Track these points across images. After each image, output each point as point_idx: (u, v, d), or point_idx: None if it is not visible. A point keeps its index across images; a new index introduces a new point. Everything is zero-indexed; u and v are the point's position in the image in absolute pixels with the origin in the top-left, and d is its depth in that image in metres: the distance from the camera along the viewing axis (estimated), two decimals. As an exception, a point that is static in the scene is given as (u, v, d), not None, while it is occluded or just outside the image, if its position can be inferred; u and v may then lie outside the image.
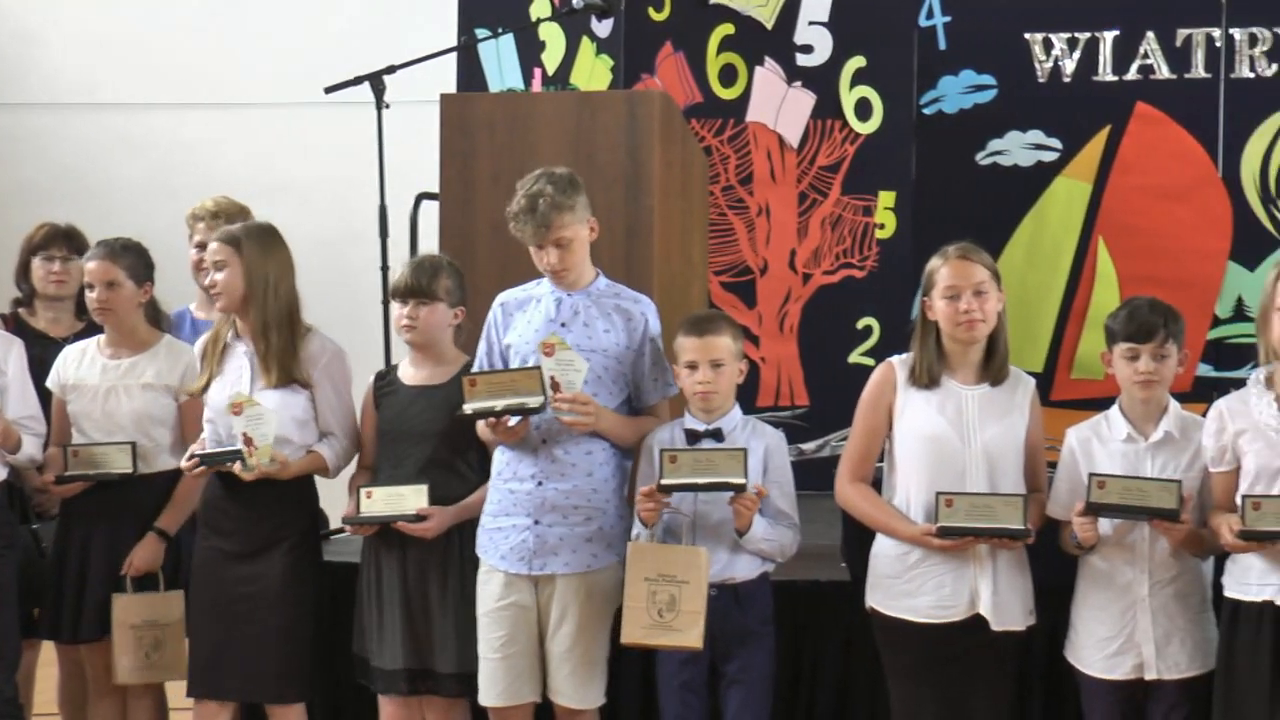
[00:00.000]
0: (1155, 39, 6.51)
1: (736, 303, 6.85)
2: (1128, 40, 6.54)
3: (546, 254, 5.02)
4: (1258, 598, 4.75)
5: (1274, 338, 4.76)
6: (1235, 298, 6.30)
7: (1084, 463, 5.00)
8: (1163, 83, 6.52)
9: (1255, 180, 6.44)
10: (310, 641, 5.30)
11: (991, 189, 6.66)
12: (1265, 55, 6.42)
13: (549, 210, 4.96)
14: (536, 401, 4.91)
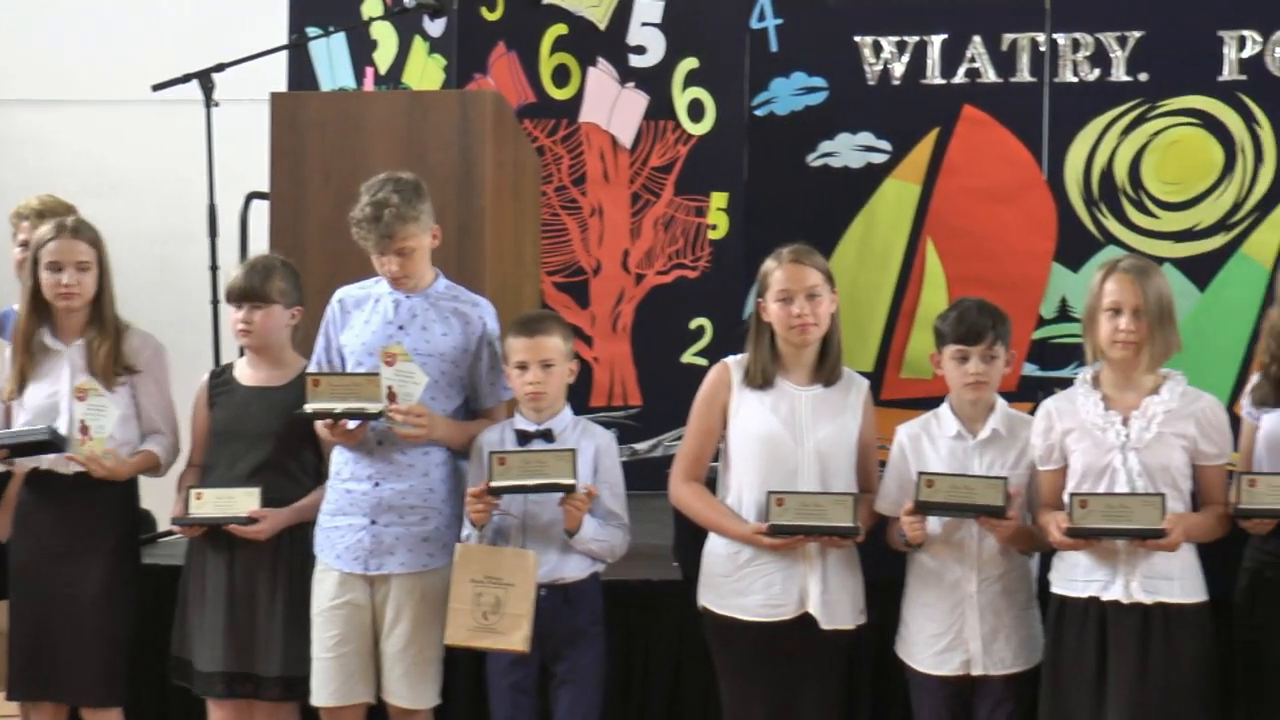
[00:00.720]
0: (982, 43, 6.59)
1: (569, 303, 6.85)
2: (955, 44, 6.62)
3: (388, 262, 5.00)
4: (1083, 594, 4.83)
5: (1101, 338, 4.84)
6: (1059, 298, 6.40)
7: (914, 460, 5.06)
8: (989, 86, 6.61)
9: (1079, 183, 6.55)
10: (130, 645, 5.24)
11: (822, 190, 6.71)
12: (1088, 60, 6.53)
13: (394, 221, 4.94)
14: (376, 408, 4.89)
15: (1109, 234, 6.51)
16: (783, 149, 6.76)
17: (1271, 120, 6.39)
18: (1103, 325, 4.82)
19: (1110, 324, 4.80)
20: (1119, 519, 4.72)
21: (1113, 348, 4.82)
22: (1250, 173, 6.42)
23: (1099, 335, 4.83)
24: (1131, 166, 6.52)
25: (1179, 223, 6.49)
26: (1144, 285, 4.81)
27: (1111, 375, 4.89)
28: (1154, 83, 6.50)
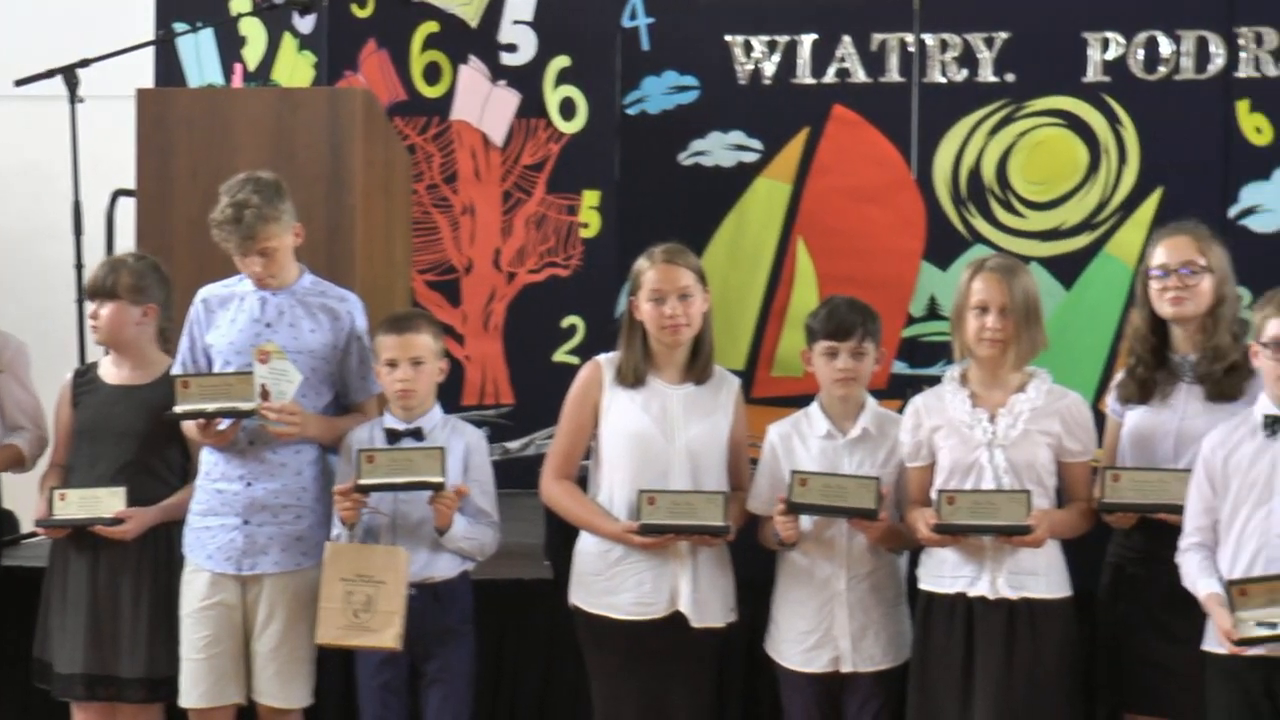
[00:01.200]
0: (852, 43, 6.64)
1: (441, 301, 6.83)
2: (825, 44, 6.66)
3: (251, 262, 4.97)
4: (950, 590, 4.88)
5: (968, 336, 4.89)
6: (929, 297, 6.46)
7: (785, 459, 5.09)
8: (859, 86, 6.65)
9: (947, 182, 6.60)
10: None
11: (694, 189, 6.73)
12: (955, 60, 6.59)
13: (254, 222, 4.91)
14: (248, 406, 4.86)
15: (977, 233, 6.58)
16: (654, 148, 6.77)
17: (1134, 121, 6.48)
18: (970, 323, 4.87)
19: (977, 322, 4.85)
20: (985, 515, 4.77)
21: (979, 345, 4.87)
22: (1114, 173, 6.51)
23: (966, 333, 4.88)
24: (998, 166, 6.59)
25: (1045, 222, 6.57)
26: (1010, 284, 4.87)
27: (979, 373, 4.94)
28: (1020, 83, 6.57)
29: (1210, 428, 4.82)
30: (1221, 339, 4.94)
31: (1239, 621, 4.55)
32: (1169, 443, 4.94)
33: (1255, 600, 4.57)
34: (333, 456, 5.07)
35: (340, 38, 7.02)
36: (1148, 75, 6.48)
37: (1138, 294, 5.09)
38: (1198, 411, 4.93)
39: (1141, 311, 5.04)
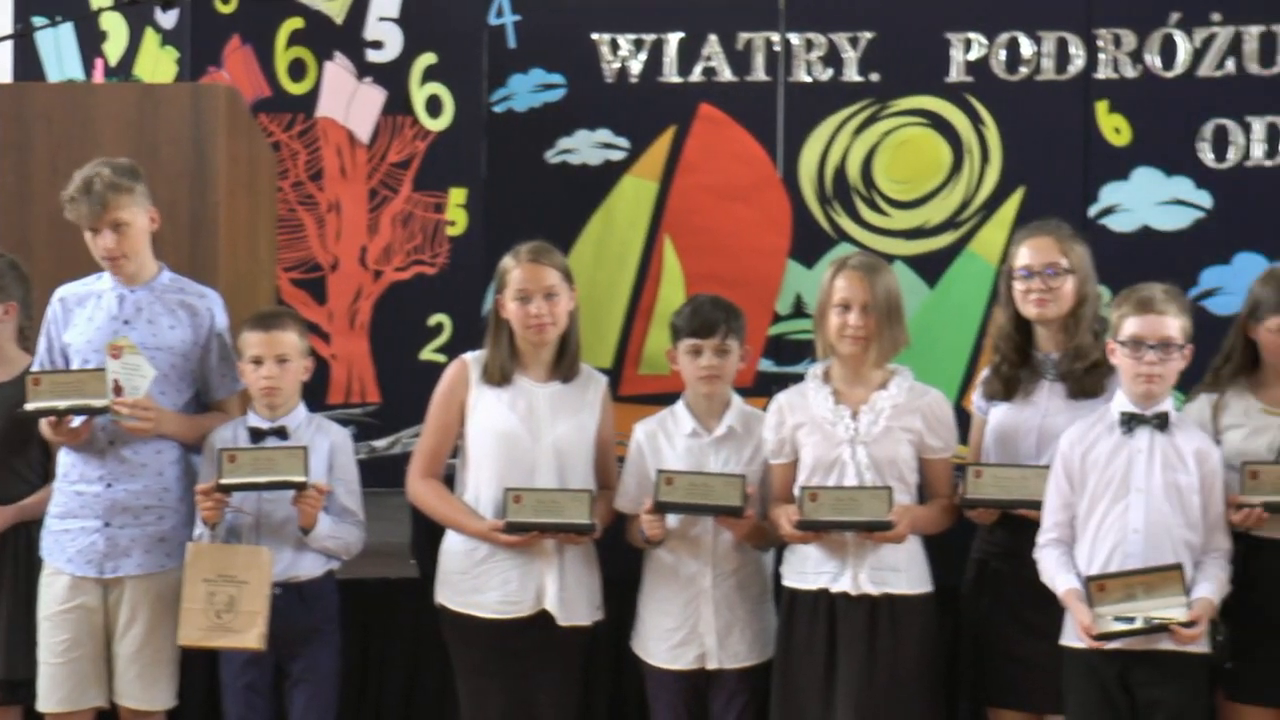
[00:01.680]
0: (718, 42, 6.66)
1: (307, 299, 6.79)
2: (692, 42, 6.67)
3: (102, 238, 4.90)
4: (813, 586, 4.91)
5: (830, 333, 4.93)
6: (795, 295, 6.49)
7: (651, 457, 5.10)
8: (725, 85, 6.68)
9: (813, 181, 6.64)
10: None
11: (561, 187, 6.72)
12: (821, 60, 6.63)
13: (105, 190, 4.85)
14: (101, 403, 4.80)
15: (842, 231, 6.62)
16: (521, 146, 6.76)
17: (997, 121, 6.55)
18: (832, 320, 4.91)
19: (839, 319, 4.89)
20: (848, 511, 4.80)
21: (841, 342, 4.91)
22: (977, 172, 6.58)
23: (829, 330, 4.92)
24: (863, 165, 6.64)
25: (909, 221, 6.63)
26: (872, 281, 4.91)
27: (841, 370, 4.97)
28: (884, 83, 6.62)
29: (1071, 423, 4.90)
30: (1083, 338, 5.01)
31: (1097, 617, 4.62)
32: (1031, 439, 5.00)
33: (1113, 595, 4.64)
34: (195, 456, 5.03)
35: (203, 33, 6.95)
36: (1009, 76, 6.55)
37: (1001, 293, 5.15)
38: (1060, 408, 4.99)
39: (1005, 310, 5.09)
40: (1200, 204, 6.45)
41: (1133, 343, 4.71)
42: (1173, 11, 6.45)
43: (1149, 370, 4.70)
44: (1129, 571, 4.63)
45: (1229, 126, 6.41)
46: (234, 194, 5.64)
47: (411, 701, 5.62)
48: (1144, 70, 6.47)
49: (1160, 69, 6.46)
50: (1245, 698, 4.84)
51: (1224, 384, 4.96)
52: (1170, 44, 6.44)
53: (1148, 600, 4.60)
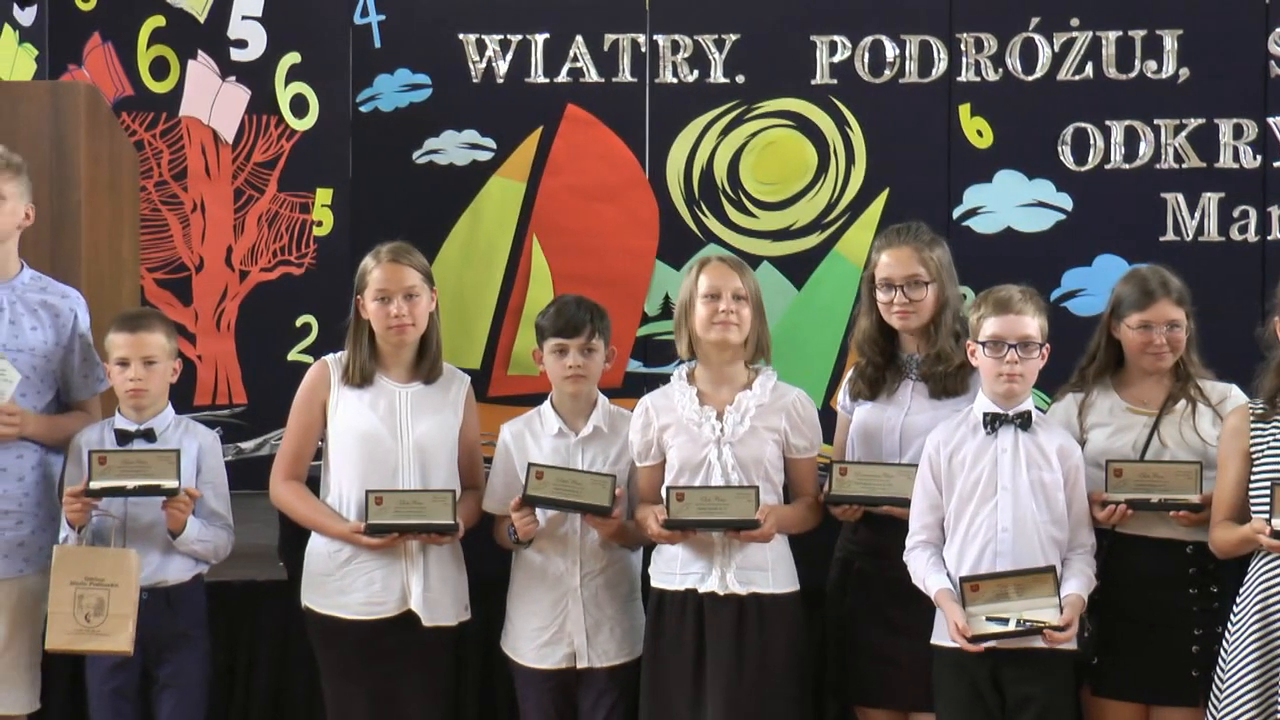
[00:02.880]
0: (584, 43, 6.66)
1: (172, 299, 6.72)
2: (558, 43, 6.67)
3: None
4: (681, 586, 4.93)
5: (697, 326, 4.94)
6: (663, 295, 6.51)
7: (518, 457, 5.10)
8: (592, 86, 6.68)
9: (680, 182, 6.66)
10: None
11: (428, 187, 6.70)
12: (687, 61, 6.65)
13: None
14: None
15: (710, 233, 6.65)
16: (388, 146, 6.73)
17: (861, 123, 6.60)
18: (700, 311, 4.92)
19: (709, 308, 4.90)
20: (714, 511, 4.83)
21: (711, 330, 4.91)
22: (843, 174, 6.63)
23: (695, 323, 4.93)
24: (730, 167, 6.66)
25: (776, 222, 6.66)
26: (741, 272, 4.96)
27: (706, 371, 5.00)
28: (750, 85, 6.65)
29: (934, 423, 4.95)
30: (945, 343, 5.06)
31: (971, 617, 4.67)
32: (894, 438, 5.05)
33: (985, 595, 4.69)
34: (53, 457, 4.97)
35: (63, 31, 6.86)
36: (874, 78, 6.60)
37: (864, 298, 5.19)
38: (922, 407, 5.05)
39: (869, 315, 5.14)
40: (1061, 206, 6.54)
41: (993, 343, 4.77)
42: (1033, 16, 6.53)
43: (1010, 369, 4.76)
44: (1002, 573, 4.68)
45: (1089, 130, 6.50)
46: (95, 193, 5.58)
47: (280, 705, 5.58)
48: (1005, 74, 6.55)
49: (1021, 73, 6.54)
50: (1109, 693, 4.92)
51: (1089, 383, 5.03)
52: (1031, 48, 6.53)
53: (1020, 600, 4.65)
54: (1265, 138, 6.29)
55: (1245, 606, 4.65)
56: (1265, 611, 4.61)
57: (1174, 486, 4.82)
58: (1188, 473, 4.84)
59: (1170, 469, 4.84)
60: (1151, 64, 6.49)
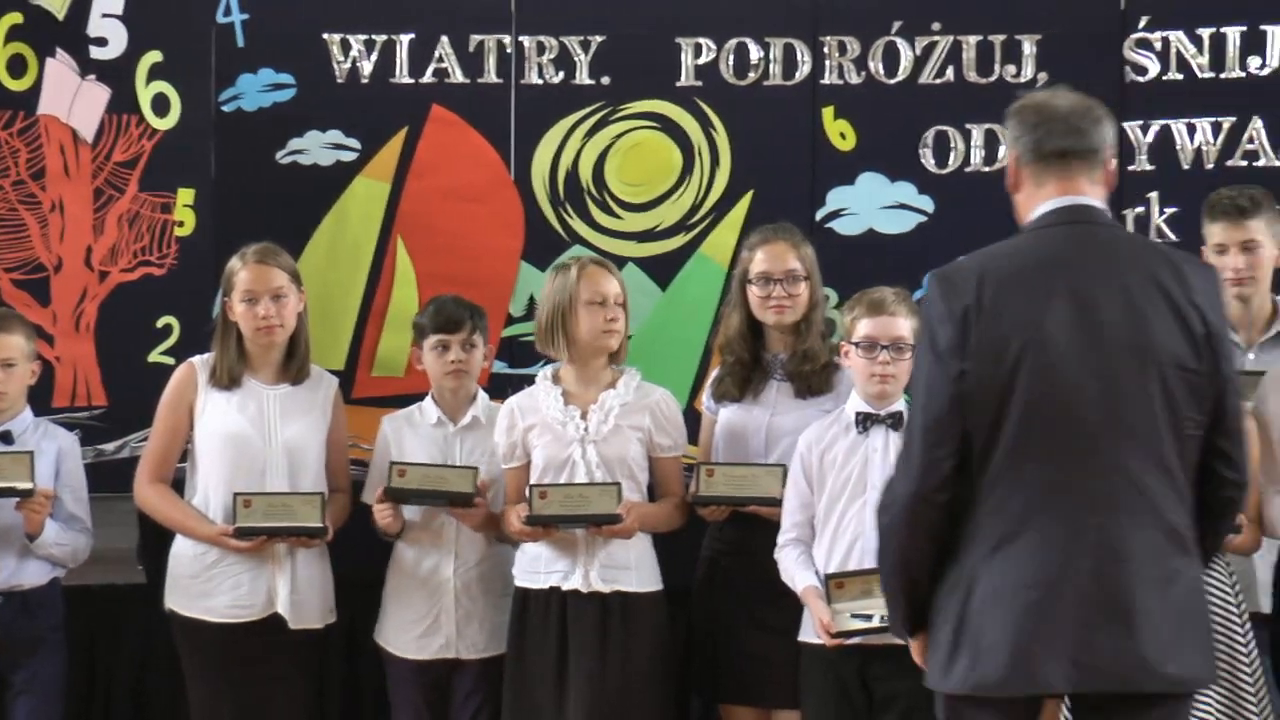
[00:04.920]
0: (449, 43, 6.64)
1: (29, 300, 6.60)
2: (423, 44, 6.63)
3: None
4: (545, 585, 4.98)
5: (584, 331, 4.99)
6: (528, 296, 6.50)
7: (396, 450, 5.15)
8: (457, 86, 6.65)
9: (545, 183, 6.65)
10: None
11: (292, 188, 6.64)
12: (553, 63, 6.64)
13: None
14: None
15: (575, 234, 6.64)
16: (251, 146, 6.66)
17: (726, 125, 6.62)
18: (586, 316, 4.99)
19: (600, 314, 4.98)
20: (577, 507, 4.87)
21: (604, 338, 5.05)
22: (707, 176, 6.65)
23: (578, 327, 4.98)
24: (595, 168, 6.67)
25: (641, 223, 6.67)
26: (619, 278, 5.02)
27: (573, 372, 5.06)
28: (616, 87, 6.65)
29: (800, 422, 5.01)
30: (814, 342, 5.14)
31: (836, 614, 4.73)
32: (760, 438, 5.11)
33: (850, 592, 4.75)
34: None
35: (-85, 28, 6.75)
36: (738, 81, 6.63)
37: (734, 296, 5.24)
38: (788, 407, 5.11)
39: (740, 313, 5.19)
40: (923, 208, 6.59)
41: (867, 344, 4.85)
42: (895, 20, 6.59)
43: (883, 370, 4.83)
44: (866, 570, 4.75)
45: (949, 133, 6.57)
46: (-49, 193, 5.50)
47: (141, 708, 5.56)
48: (868, 77, 6.60)
49: (884, 76, 6.59)
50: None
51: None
52: (893, 52, 6.58)
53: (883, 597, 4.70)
54: (1122, 142, 6.38)
55: None
56: None
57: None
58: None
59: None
60: (1011, 68, 6.56)
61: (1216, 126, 6.43)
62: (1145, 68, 6.50)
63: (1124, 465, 3.58)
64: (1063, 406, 3.59)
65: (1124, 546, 3.57)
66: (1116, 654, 3.54)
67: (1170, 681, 3.58)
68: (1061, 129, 3.85)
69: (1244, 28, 6.40)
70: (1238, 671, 4.56)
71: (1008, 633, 3.55)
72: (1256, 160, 6.37)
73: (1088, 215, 3.82)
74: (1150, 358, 3.60)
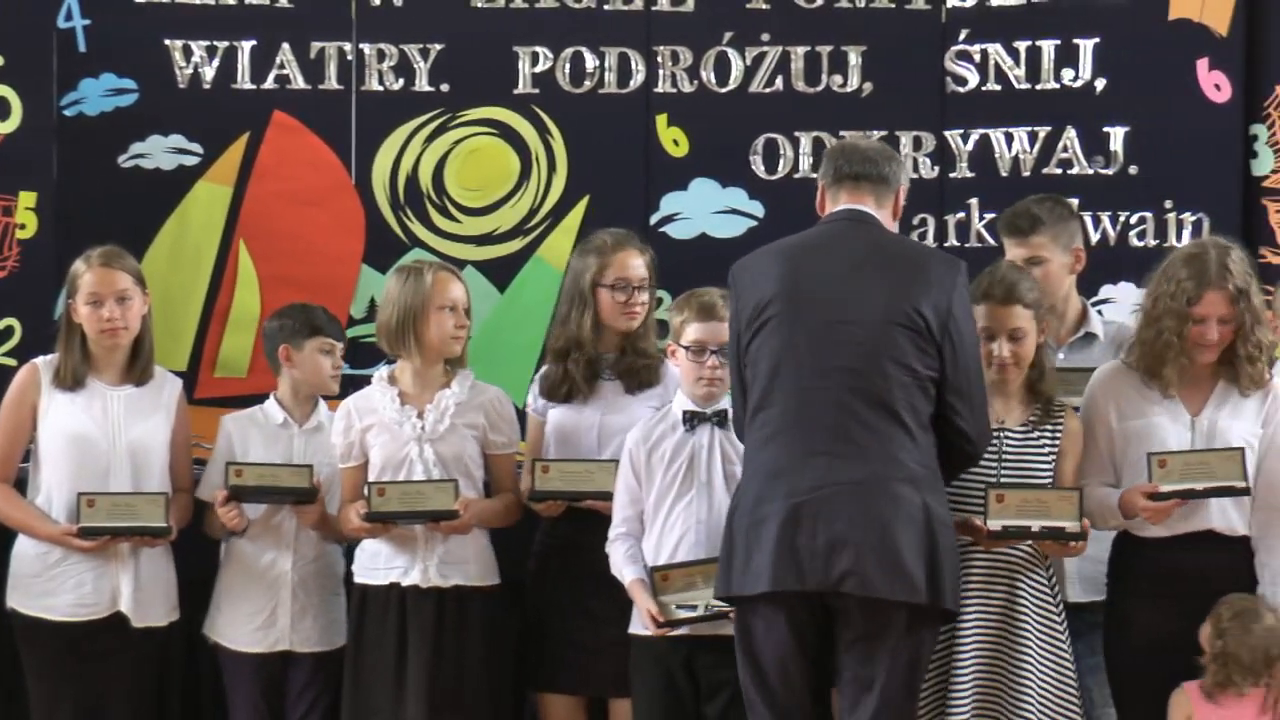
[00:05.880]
0: (290, 50, 6.69)
1: None
2: (264, 50, 6.68)
3: None
4: (385, 581, 5.07)
5: (432, 336, 5.10)
6: (369, 299, 6.56)
7: (240, 449, 5.22)
8: (299, 93, 6.70)
9: (385, 188, 6.72)
10: None
11: (135, 192, 6.66)
12: (393, 70, 6.72)
13: None
14: None
15: (415, 238, 6.72)
16: (94, 150, 6.68)
17: (562, 132, 6.72)
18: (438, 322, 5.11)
19: (450, 319, 5.09)
20: (414, 504, 4.97)
21: (451, 344, 5.16)
22: (544, 181, 6.74)
23: (429, 332, 5.09)
24: (435, 173, 6.74)
25: (480, 227, 6.75)
26: (465, 284, 5.15)
27: (408, 372, 5.16)
28: (454, 93, 6.74)
29: (630, 420, 5.14)
30: (649, 342, 5.27)
31: (662, 605, 4.87)
32: (593, 436, 5.23)
33: (676, 584, 4.89)
34: None
35: None
36: (575, 89, 6.74)
37: (584, 299, 5.33)
38: (620, 406, 5.24)
39: (589, 315, 5.30)
40: (753, 213, 6.73)
41: (696, 348, 4.98)
42: (726, 31, 6.73)
43: (711, 374, 4.97)
44: (690, 562, 4.89)
45: (779, 140, 6.72)
46: None
47: (-18, 707, 5.55)
48: (700, 86, 6.74)
49: (715, 85, 6.74)
50: None
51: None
52: (725, 61, 6.72)
53: (708, 589, 4.84)
54: (943, 150, 6.59)
55: None
56: None
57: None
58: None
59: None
60: (837, 78, 6.72)
61: (1033, 136, 6.64)
62: (965, 79, 6.69)
63: (846, 403, 4.44)
64: (790, 350, 4.51)
65: (843, 474, 4.40)
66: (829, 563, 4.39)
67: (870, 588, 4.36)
68: (859, 159, 4.75)
69: (1058, 41, 6.61)
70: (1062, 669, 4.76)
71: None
72: (1070, 169, 6.59)
73: (861, 217, 4.70)
74: (874, 318, 4.48)
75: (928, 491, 4.46)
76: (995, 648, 4.71)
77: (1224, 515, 4.84)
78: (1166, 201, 6.50)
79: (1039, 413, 4.86)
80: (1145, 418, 4.87)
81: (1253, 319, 4.78)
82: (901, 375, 4.45)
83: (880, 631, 4.42)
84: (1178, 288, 4.78)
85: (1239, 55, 6.44)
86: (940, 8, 6.69)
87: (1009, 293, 4.82)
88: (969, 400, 4.55)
